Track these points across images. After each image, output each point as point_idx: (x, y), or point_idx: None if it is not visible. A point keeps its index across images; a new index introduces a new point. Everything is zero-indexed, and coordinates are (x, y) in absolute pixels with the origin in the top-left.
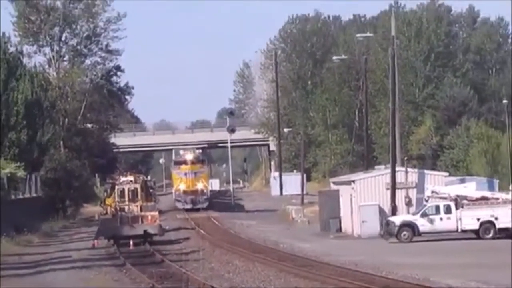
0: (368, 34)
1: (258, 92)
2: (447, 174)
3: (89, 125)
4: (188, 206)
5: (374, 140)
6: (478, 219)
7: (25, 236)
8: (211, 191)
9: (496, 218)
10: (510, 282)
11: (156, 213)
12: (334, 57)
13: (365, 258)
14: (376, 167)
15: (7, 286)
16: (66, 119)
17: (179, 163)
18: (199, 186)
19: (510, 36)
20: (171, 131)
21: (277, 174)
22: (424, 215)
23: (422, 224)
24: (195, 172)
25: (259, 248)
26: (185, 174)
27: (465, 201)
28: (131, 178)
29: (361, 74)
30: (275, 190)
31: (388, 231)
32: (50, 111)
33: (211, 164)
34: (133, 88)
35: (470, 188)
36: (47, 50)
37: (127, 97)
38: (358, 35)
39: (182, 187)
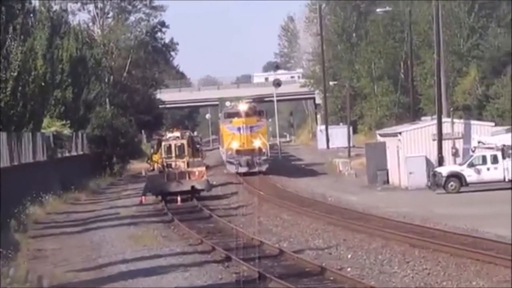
0: None
1: (303, 45)
2: (493, 124)
3: (135, 84)
4: (243, 169)
5: (420, 91)
6: None
7: (73, 194)
8: None
9: None
10: None
11: (203, 169)
12: (378, 9)
13: (413, 209)
14: (422, 118)
15: (56, 244)
16: (112, 76)
17: (231, 115)
18: (257, 143)
19: None
20: (216, 86)
21: (323, 127)
22: (471, 165)
23: (469, 175)
24: (251, 127)
25: (307, 202)
26: (239, 129)
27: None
28: (177, 134)
29: (405, 25)
30: (321, 143)
31: (435, 182)
32: (95, 69)
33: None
34: (177, 44)
35: None
36: (91, 7)
37: (172, 53)
38: None
39: (235, 145)
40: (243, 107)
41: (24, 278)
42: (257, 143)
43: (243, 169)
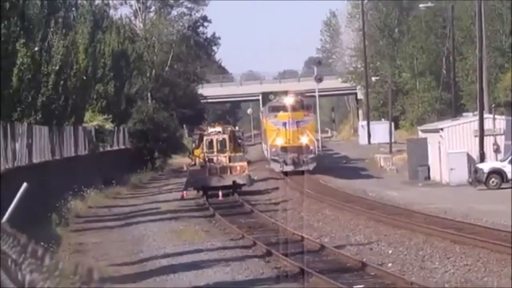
0: None
1: (345, 41)
2: None
3: (177, 78)
4: (289, 168)
5: (462, 87)
6: None
7: (114, 188)
8: None
9: None
10: None
11: (244, 164)
12: (421, 5)
13: (454, 205)
14: (464, 114)
15: (97, 238)
16: (153, 71)
17: (275, 109)
18: (304, 140)
19: None
20: (258, 81)
21: (365, 122)
22: None
23: (510, 171)
24: (297, 122)
25: (348, 197)
26: (285, 124)
27: None
28: (219, 128)
29: (448, 21)
30: (363, 139)
31: (476, 178)
32: (137, 63)
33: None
34: (220, 38)
35: None
36: (132, 1)
37: (214, 47)
38: None
39: (280, 141)
40: (289, 100)
41: (72, 271)
42: (304, 140)
43: (289, 168)
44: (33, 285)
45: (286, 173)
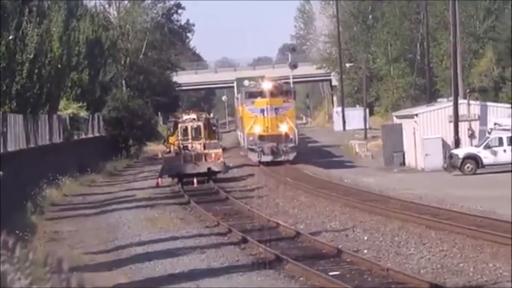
0: None
1: (319, 27)
2: (509, 105)
3: (151, 66)
4: (267, 158)
5: (436, 73)
6: None
7: (89, 176)
8: None
9: None
10: None
11: (219, 151)
12: None
13: (429, 191)
14: (438, 100)
15: (73, 226)
16: (128, 58)
17: (253, 95)
18: (283, 128)
19: None
20: (232, 68)
21: (339, 109)
22: (487, 147)
23: (486, 156)
24: (276, 108)
25: (324, 184)
26: (263, 111)
27: None
28: (193, 116)
29: (421, 7)
30: (338, 125)
31: (451, 163)
32: (112, 51)
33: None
34: (194, 25)
35: None
36: None
37: (188, 34)
38: None
39: (258, 129)
40: (267, 85)
41: (43, 261)
42: (283, 128)
43: (267, 158)
44: (4, 276)
45: (264, 163)
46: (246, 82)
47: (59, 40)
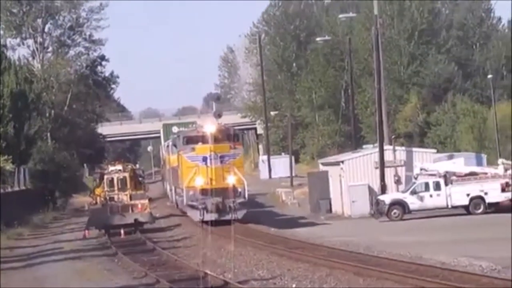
0: (351, 14)
1: (243, 76)
2: (435, 151)
3: (76, 118)
4: (212, 217)
5: (361, 119)
6: (468, 195)
7: (16, 229)
8: None
9: (485, 193)
10: (501, 256)
11: (146, 201)
12: (318, 38)
13: (357, 238)
14: (364, 146)
15: (1, 280)
16: (52, 111)
17: (193, 139)
18: (231, 180)
19: (492, 10)
20: (158, 118)
21: (265, 157)
22: (413, 192)
23: (412, 202)
24: (222, 156)
25: (251, 232)
26: (205, 159)
27: (454, 177)
28: (119, 167)
29: (345, 54)
30: (264, 174)
31: (378, 210)
32: (36, 103)
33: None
34: (118, 77)
35: (459, 164)
36: (30, 42)
37: (112, 86)
38: (341, 15)
39: (200, 182)
40: (210, 128)
41: None
42: (231, 180)
43: (211, 217)
44: None
45: (212, 223)
46: (174, 129)
47: None
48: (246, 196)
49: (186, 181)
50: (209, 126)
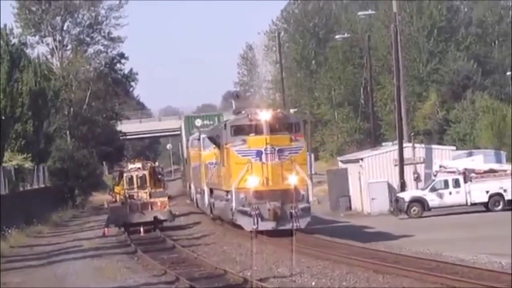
0: (370, 11)
1: (262, 73)
2: (454, 148)
3: (95, 116)
4: (268, 226)
5: (380, 117)
6: (487, 192)
7: (35, 227)
8: None
9: (505, 190)
10: None
11: (165, 199)
12: (337, 36)
13: (377, 235)
14: (383, 144)
15: (20, 278)
16: (72, 109)
17: (242, 129)
18: (292, 180)
19: (511, 8)
20: (177, 116)
21: None
22: (433, 190)
23: (432, 199)
24: (281, 150)
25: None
26: (260, 154)
27: (473, 174)
28: (139, 165)
29: (364, 51)
30: None
31: (397, 207)
32: (55, 101)
33: None
34: (137, 74)
35: (478, 161)
36: (49, 40)
37: (132, 83)
38: (360, 13)
39: (253, 182)
40: (266, 115)
41: None
42: (292, 180)
43: (268, 225)
44: None
45: (268, 233)
46: (198, 122)
47: (3, 91)
48: (311, 200)
49: (236, 181)
50: (264, 113)
